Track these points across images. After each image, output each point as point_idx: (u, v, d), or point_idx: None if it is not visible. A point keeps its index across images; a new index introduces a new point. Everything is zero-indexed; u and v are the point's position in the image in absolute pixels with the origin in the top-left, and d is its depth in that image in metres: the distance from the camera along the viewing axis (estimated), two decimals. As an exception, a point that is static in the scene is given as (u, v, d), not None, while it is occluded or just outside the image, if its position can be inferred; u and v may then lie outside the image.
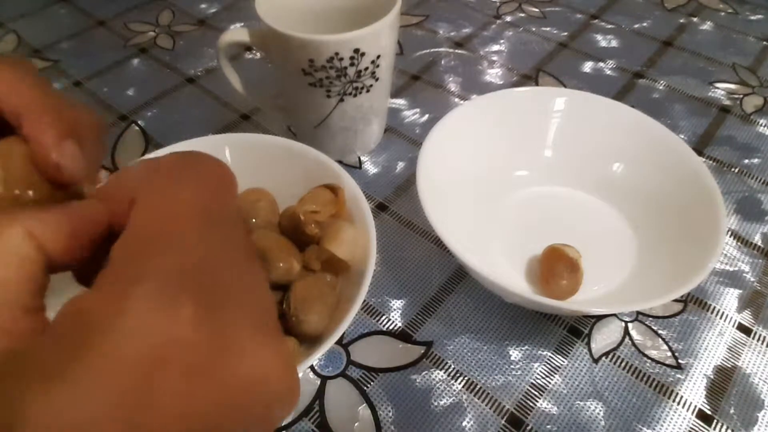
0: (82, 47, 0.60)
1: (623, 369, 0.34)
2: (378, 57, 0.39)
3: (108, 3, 0.65)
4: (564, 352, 0.35)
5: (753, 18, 0.62)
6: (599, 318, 0.37)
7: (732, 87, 0.54)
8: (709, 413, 0.32)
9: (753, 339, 0.36)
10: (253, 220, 0.35)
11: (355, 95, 0.41)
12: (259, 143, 0.38)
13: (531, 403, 0.33)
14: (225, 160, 0.37)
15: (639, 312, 0.37)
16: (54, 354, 0.11)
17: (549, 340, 0.36)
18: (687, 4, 0.64)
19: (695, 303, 0.38)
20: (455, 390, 0.34)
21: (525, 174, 0.43)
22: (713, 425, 0.32)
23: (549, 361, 0.35)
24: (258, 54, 0.58)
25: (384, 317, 0.37)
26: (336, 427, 0.32)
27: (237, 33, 0.41)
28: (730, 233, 0.42)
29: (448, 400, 0.33)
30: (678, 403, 0.33)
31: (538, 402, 0.33)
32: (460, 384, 0.34)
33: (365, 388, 0.34)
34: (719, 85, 0.54)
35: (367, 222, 0.33)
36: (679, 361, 0.35)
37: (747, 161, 0.47)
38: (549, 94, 0.43)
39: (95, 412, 0.10)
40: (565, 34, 0.60)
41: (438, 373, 0.34)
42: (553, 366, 0.35)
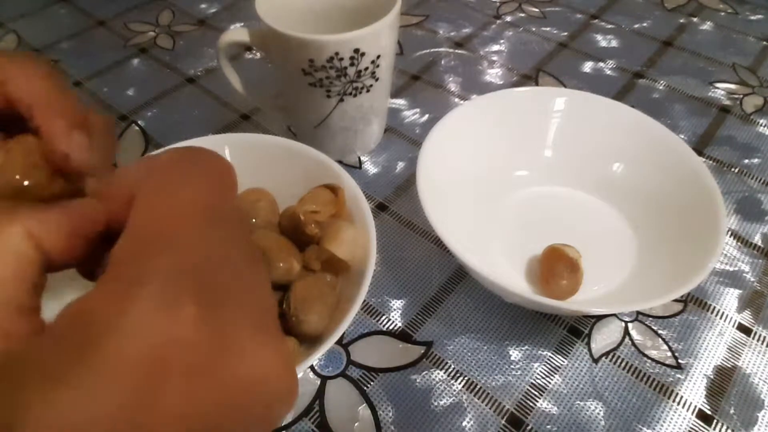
0: (82, 47, 0.60)
1: (623, 369, 0.34)
2: (378, 57, 0.39)
3: (108, 3, 0.65)
4: (564, 352, 0.35)
5: (753, 18, 0.62)
6: (599, 318, 0.37)
7: (732, 87, 0.54)
8: (709, 413, 0.32)
9: (753, 339, 0.36)
10: (253, 220, 0.35)
11: (355, 95, 0.41)
12: (259, 143, 0.38)
13: (531, 403, 0.33)
14: (226, 159, 0.37)
15: (639, 312, 0.37)
16: (55, 355, 0.11)
17: (549, 340, 0.36)
18: (687, 4, 0.64)
19: (695, 303, 0.38)
20: (455, 390, 0.33)
21: (525, 174, 0.43)
22: (713, 425, 0.32)
23: (549, 361, 0.35)
24: (258, 54, 0.58)
25: (384, 317, 0.37)
26: (336, 427, 0.32)
27: (237, 33, 0.41)
28: (730, 233, 0.42)
29: (448, 400, 0.33)
30: (678, 403, 0.33)
31: (538, 402, 0.33)
32: (460, 384, 0.34)
33: (365, 388, 0.34)
34: (719, 85, 0.54)
35: (367, 222, 0.33)
36: (679, 361, 0.35)
37: (747, 161, 0.47)
38: (549, 94, 0.43)
39: (97, 412, 0.10)
40: (565, 34, 0.60)
41: (438, 373, 0.34)
42: (553, 366, 0.35)
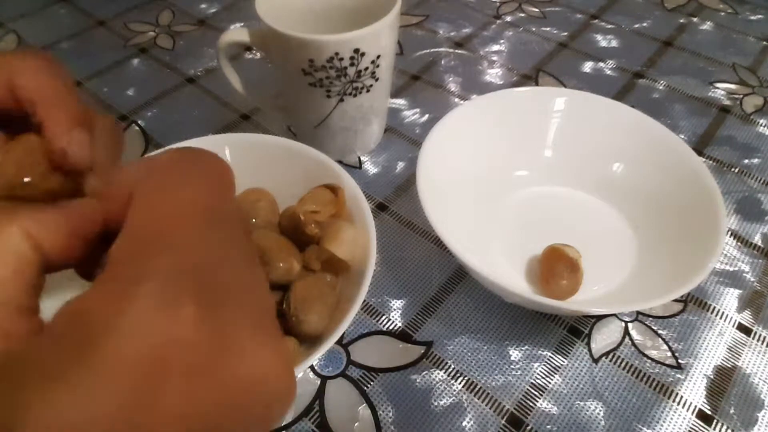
0: (82, 47, 0.60)
1: (623, 369, 0.34)
2: (378, 57, 0.39)
3: (108, 3, 0.65)
4: (564, 352, 0.35)
5: (753, 18, 0.62)
6: (599, 318, 0.37)
7: (732, 87, 0.54)
8: (709, 413, 0.32)
9: (753, 339, 0.36)
10: (253, 220, 0.35)
11: (355, 95, 0.41)
12: (259, 143, 0.38)
13: (531, 403, 0.33)
14: (225, 160, 0.37)
15: (639, 312, 0.37)
16: (54, 355, 0.11)
17: (549, 340, 0.36)
18: (687, 4, 0.64)
19: (695, 303, 0.38)
20: (455, 390, 0.33)
21: (525, 174, 0.43)
22: (713, 425, 0.32)
23: (549, 361, 0.35)
24: (258, 54, 0.58)
25: (384, 317, 0.37)
26: (336, 427, 0.32)
27: (237, 33, 0.41)
28: (730, 233, 0.42)
29: (448, 400, 0.33)
30: (678, 403, 0.33)
31: (538, 402, 0.33)
32: (460, 384, 0.34)
33: (365, 388, 0.34)
34: (719, 85, 0.54)
35: (367, 222, 0.33)
36: (679, 361, 0.35)
37: (747, 161, 0.47)
38: (549, 94, 0.43)
39: (96, 412, 0.10)
40: (565, 34, 0.60)
41: (438, 373, 0.34)
42: (553, 366, 0.35)
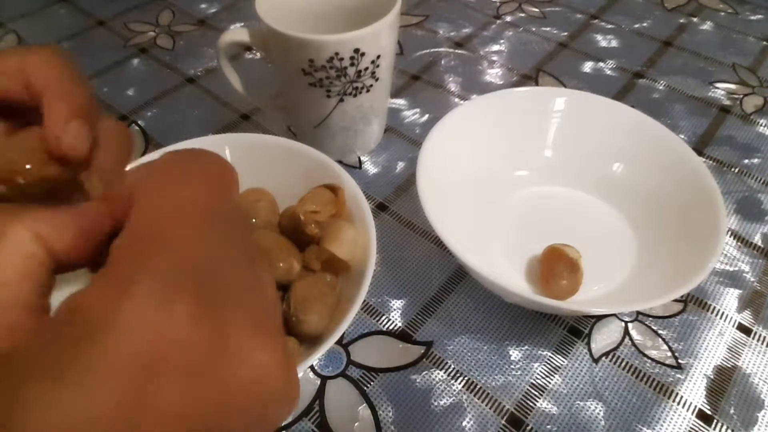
0: (82, 47, 0.60)
1: (623, 369, 0.34)
2: (378, 57, 0.39)
3: (108, 3, 0.65)
4: (564, 352, 0.35)
5: (753, 18, 0.62)
6: (599, 318, 0.37)
7: (732, 87, 0.54)
8: (709, 413, 0.32)
9: (753, 339, 0.36)
10: (253, 220, 0.35)
11: (355, 95, 0.41)
12: (259, 143, 0.38)
13: (531, 403, 0.33)
14: (227, 160, 0.37)
15: (639, 312, 0.37)
16: (51, 353, 0.11)
17: (549, 340, 0.36)
18: (687, 4, 0.64)
19: (695, 303, 0.38)
20: (455, 390, 0.33)
21: (525, 174, 0.43)
22: (713, 425, 0.32)
23: (549, 361, 0.35)
24: (258, 54, 0.58)
25: (384, 317, 0.37)
26: (336, 427, 0.32)
27: (237, 33, 0.41)
28: (730, 233, 0.42)
29: (448, 400, 0.33)
30: (678, 403, 0.33)
31: (538, 402, 0.33)
32: (460, 384, 0.34)
33: (365, 388, 0.34)
34: (719, 85, 0.54)
35: (367, 222, 0.33)
36: (679, 361, 0.35)
37: (747, 161, 0.47)
38: (549, 94, 0.43)
39: (95, 412, 0.10)
40: (565, 34, 0.60)
41: (438, 373, 0.34)
42: (553, 366, 0.35)
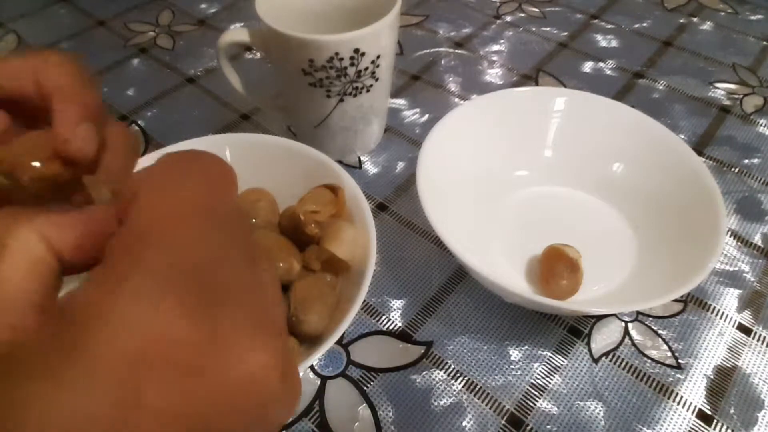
0: (82, 47, 0.60)
1: (623, 369, 0.34)
2: (378, 57, 0.39)
3: (108, 3, 0.65)
4: (564, 352, 0.35)
5: (753, 18, 0.62)
6: (599, 318, 0.37)
7: (732, 87, 0.54)
8: (709, 413, 0.32)
9: (753, 339, 0.36)
10: (253, 220, 0.35)
11: (355, 95, 0.41)
12: (259, 143, 0.38)
13: (531, 403, 0.33)
14: (225, 160, 0.37)
15: (639, 312, 0.37)
16: (47, 352, 0.11)
17: (549, 340, 0.36)
18: (687, 4, 0.64)
19: (695, 303, 0.38)
20: (455, 390, 0.33)
21: (525, 174, 0.43)
22: (713, 425, 0.32)
23: (549, 361, 0.35)
24: (258, 54, 0.58)
25: (384, 317, 0.37)
26: (336, 427, 0.32)
27: (237, 33, 0.41)
28: (730, 233, 0.42)
29: (448, 400, 0.33)
30: (678, 403, 0.33)
31: (538, 402, 0.33)
32: (460, 384, 0.34)
33: (365, 388, 0.34)
34: (719, 85, 0.54)
35: (367, 222, 0.33)
36: (679, 361, 0.35)
37: (747, 161, 0.47)
38: (549, 94, 0.43)
39: (90, 411, 0.10)
40: (565, 34, 0.60)
41: (438, 373, 0.34)
42: (553, 366, 0.35)
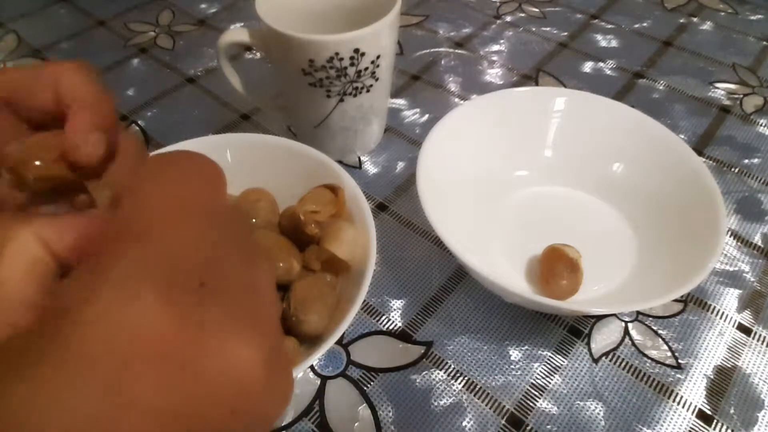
0: (82, 47, 0.60)
1: (623, 369, 0.34)
2: (378, 57, 0.39)
3: (108, 3, 0.65)
4: (564, 352, 0.35)
5: (753, 18, 0.62)
6: (599, 318, 0.37)
7: (732, 87, 0.54)
8: (709, 413, 0.32)
9: (753, 339, 0.36)
10: (253, 220, 0.35)
11: (355, 95, 0.41)
12: (259, 143, 0.38)
13: (531, 403, 0.33)
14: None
15: (639, 312, 0.37)
16: (29, 348, 0.11)
17: (549, 340, 0.36)
18: (687, 4, 0.64)
19: (695, 303, 0.38)
20: (455, 390, 0.33)
21: (525, 174, 0.43)
22: (713, 425, 0.32)
23: (549, 361, 0.35)
24: (258, 54, 0.58)
25: (384, 317, 0.37)
26: (336, 427, 0.32)
27: (237, 33, 0.41)
28: (730, 233, 0.42)
29: (448, 400, 0.33)
30: (678, 403, 0.33)
31: (538, 402, 0.33)
32: (460, 384, 0.34)
33: (365, 388, 0.34)
34: (719, 85, 0.54)
35: (367, 222, 0.33)
36: (679, 361, 0.35)
37: (747, 161, 0.47)
38: (549, 94, 0.43)
39: (68, 407, 0.10)
40: (565, 34, 0.60)
41: (438, 373, 0.34)
42: (553, 366, 0.35)
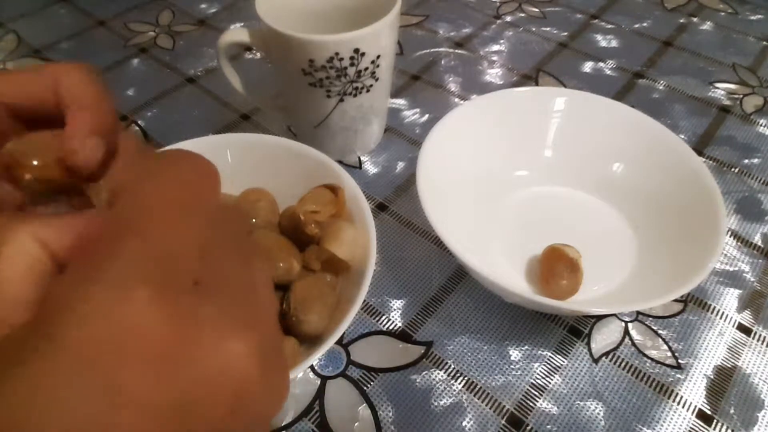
0: (82, 47, 0.60)
1: (623, 369, 0.34)
2: (378, 57, 0.39)
3: (108, 3, 0.65)
4: (564, 352, 0.35)
5: (753, 18, 0.62)
6: (599, 318, 0.37)
7: (732, 87, 0.54)
8: (709, 413, 0.32)
9: (753, 339, 0.36)
10: (253, 220, 0.35)
11: (355, 95, 0.41)
12: (259, 143, 0.38)
13: (531, 403, 0.33)
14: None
15: (639, 312, 0.37)
16: (28, 348, 0.11)
17: (549, 340, 0.36)
18: (687, 4, 0.64)
19: (695, 303, 0.38)
20: (455, 390, 0.34)
21: (525, 174, 0.43)
22: (713, 425, 0.32)
23: (549, 361, 0.35)
24: (258, 54, 0.58)
25: (384, 317, 0.37)
26: (336, 427, 0.32)
27: (237, 33, 0.41)
28: (730, 233, 0.42)
29: (448, 400, 0.33)
30: (678, 403, 0.33)
31: (538, 402, 0.33)
32: (460, 384, 0.34)
33: (365, 388, 0.34)
34: (719, 85, 0.54)
35: (367, 222, 0.33)
36: (679, 361, 0.35)
37: (747, 161, 0.47)
38: (549, 94, 0.43)
39: (63, 406, 0.10)
40: (565, 34, 0.60)
41: (438, 373, 0.34)
42: (553, 366, 0.35)
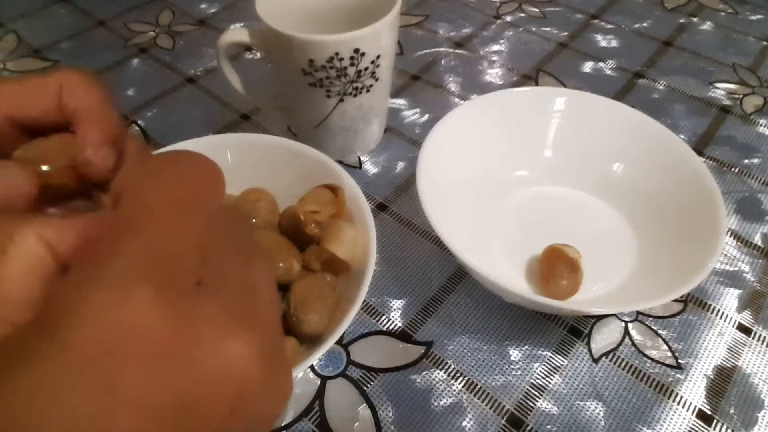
0: (82, 47, 0.60)
1: (623, 369, 0.34)
2: (378, 57, 0.39)
3: (108, 3, 0.65)
4: (564, 352, 0.35)
5: (753, 18, 0.62)
6: (599, 318, 0.37)
7: (732, 87, 0.54)
8: (709, 413, 0.32)
9: (753, 339, 0.36)
10: (253, 220, 0.35)
11: (355, 95, 0.41)
12: (259, 143, 0.38)
13: (531, 403, 0.33)
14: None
15: (639, 312, 0.37)
16: (30, 347, 0.11)
17: (549, 340, 0.36)
18: (687, 4, 0.64)
19: (695, 303, 0.38)
20: (455, 390, 0.34)
21: (525, 174, 0.43)
22: (713, 425, 0.32)
23: (549, 361, 0.35)
24: (258, 54, 0.58)
25: (384, 317, 0.37)
26: (336, 427, 0.32)
27: (237, 33, 0.41)
28: (730, 233, 0.42)
29: (448, 400, 0.33)
30: (678, 403, 0.33)
31: (538, 402, 0.33)
32: (460, 384, 0.34)
33: (365, 388, 0.34)
34: (719, 85, 0.54)
35: (367, 222, 0.33)
36: (679, 361, 0.35)
37: (747, 161, 0.47)
38: (549, 94, 0.43)
39: (63, 406, 0.10)
40: (565, 34, 0.60)
41: (438, 373, 0.34)
42: (553, 366, 0.35)
